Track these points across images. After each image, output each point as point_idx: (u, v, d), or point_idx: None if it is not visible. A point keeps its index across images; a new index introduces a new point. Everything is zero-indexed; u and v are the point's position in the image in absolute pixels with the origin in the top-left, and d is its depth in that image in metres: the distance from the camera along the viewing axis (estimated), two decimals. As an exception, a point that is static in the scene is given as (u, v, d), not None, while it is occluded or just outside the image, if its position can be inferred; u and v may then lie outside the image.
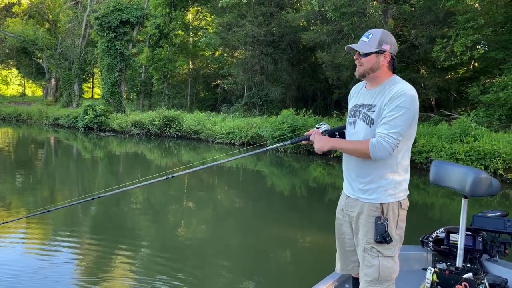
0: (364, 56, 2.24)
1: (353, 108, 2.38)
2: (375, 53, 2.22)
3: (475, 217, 3.10)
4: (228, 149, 16.30)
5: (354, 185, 2.33)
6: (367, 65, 2.24)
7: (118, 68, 23.04)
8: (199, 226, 6.75)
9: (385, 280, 2.22)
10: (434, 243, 3.27)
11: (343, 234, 2.46)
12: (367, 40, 2.24)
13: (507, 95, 13.21)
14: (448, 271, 2.73)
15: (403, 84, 2.19)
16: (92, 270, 4.70)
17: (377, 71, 2.25)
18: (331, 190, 10.18)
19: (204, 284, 4.51)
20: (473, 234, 3.04)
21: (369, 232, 2.22)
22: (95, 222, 6.74)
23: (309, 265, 5.13)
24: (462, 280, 2.62)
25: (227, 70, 22.71)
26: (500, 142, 10.80)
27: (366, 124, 2.23)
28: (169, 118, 19.43)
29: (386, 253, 2.21)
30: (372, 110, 2.22)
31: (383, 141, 2.09)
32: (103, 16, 22.44)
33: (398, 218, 2.23)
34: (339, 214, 2.49)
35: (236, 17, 20.92)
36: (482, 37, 15.06)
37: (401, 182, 2.24)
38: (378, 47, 2.22)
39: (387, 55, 2.24)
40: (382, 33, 2.25)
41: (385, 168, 2.20)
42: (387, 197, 2.21)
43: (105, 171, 12.12)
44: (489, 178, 2.63)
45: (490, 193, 2.67)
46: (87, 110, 21.46)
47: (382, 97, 2.18)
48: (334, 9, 15.52)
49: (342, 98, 20.71)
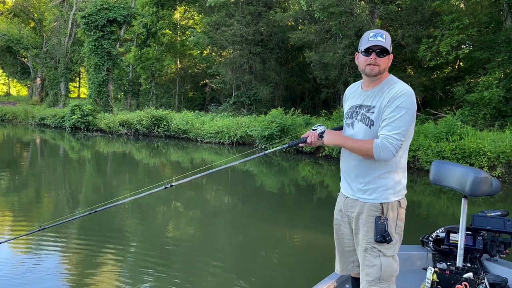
0: (383, 56, 2.21)
1: (350, 109, 2.37)
2: (389, 54, 2.24)
3: (475, 216, 3.10)
4: (217, 149, 16.29)
5: (353, 185, 2.32)
6: (383, 65, 2.22)
7: (105, 67, 22.85)
8: (188, 226, 6.74)
9: (386, 279, 2.23)
10: (434, 243, 3.27)
11: (341, 235, 2.47)
12: (384, 40, 2.20)
13: (491, 95, 13.45)
14: (448, 270, 2.72)
15: (402, 85, 2.20)
16: (81, 272, 4.68)
17: (385, 72, 2.27)
18: (320, 189, 10.25)
19: (196, 284, 4.51)
20: (473, 233, 3.04)
21: (370, 232, 2.22)
22: (82, 224, 6.68)
23: (304, 264, 5.17)
24: (462, 280, 2.61)
25: (215, 70, 22.69)
26: (485, 140, 10.99)
27: (366, 125, 2.23)
28: (157, 117, 19.33)
29: (387, 252, 2.22)
30: (371, 111, 2.22)
31: (387, 143, 2.10)
32: (90, 15, 22.23)
33: (398, 217, 2.24)
34: (337, 215, 2.49)
35: (224, 16, 20.90)
36: (467, 37, 15.31)
37: (400, 181, 2.25)
38: (390, 47, 2.23)
39: (391, 56, 2.27)
40: (388, 35, 2.26)
41: (384, 168, 2.21)
42: (387, 196, 2.22)
43: (94, 172, 12.02)
44: (489, 178, 2.63)
45: (490, 192, 2.67)
46: (74, 110, 21.25)
47: (381, 98, 2.19)
48: (322, 9, 15.61)
49: (330, 97, 20.87)
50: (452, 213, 7.83)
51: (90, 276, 4.54)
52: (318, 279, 4.69)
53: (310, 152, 14.49)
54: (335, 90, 19.80)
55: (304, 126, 15.47)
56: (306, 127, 15.40)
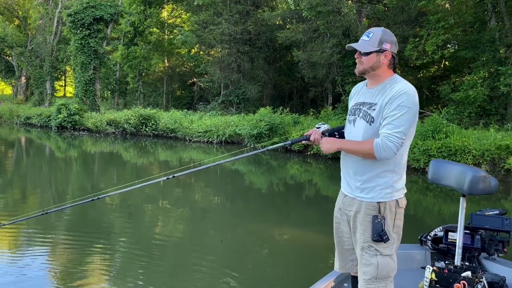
0: (365, 55, 2.23)
1: (354, 106, 2.38)
2: (376, 52, 2.22)
3: (473, 215, 3.09)
4: (205, 148, 16.27)
5: (352, 184, 2.32)
6: (367, 64, 2.24)
7: (92, 66, 22.63)
8: (177, 225, 6.73)
9: (383, 278, 2.23)
10: (432, 242, 3.27)
11: (341, 233, 2.47)
12: (368, 39, 2.23)
13: (476, 93, 13.66)
14: (446, 269, 2.72)
15: (404, 83, 2.20)
16: (69, 270, 4.64)
17: (377, 70, 2.25)
18: (309, 187, 10.31)
19: (187, 282, 4.52)
20: (471, 232, 3.04)
21: (367, 231, 2.23)
22: (70, 224, 6.63)
23: (295, 261, 5.20)
24: (460, 279, 2.60)
25: (203, 68, 22.63)
26: (470, 138, 11.17)
27: (366, 122, 2.23)
28: (145, 116, 19.22)
29: (384, 251, 2.21)
30: (372, 108, 2.22)
31: (388, 141, 2.10)
32: (76, 13, 21.98)
33: (396, 216, 2.24)
34: (337, 213, 2.49)
35: (212, 15, 20.85)
36: (452, 37, 15.53)
37: (398, 181, 2.24)
38: (378, 46, 2.21)
39: (388, 54, 2.24)
40: (383, 32, 2.24)
41: (382, 167, 2.21)
42: (384, 196, 2.21)
43: (81, 171, 11.91)
44: (487, 177, 2.62)
45: (488, 191, 2.67)
46: (60, 109, 21.00)
47: (383, 96, 2.19)
48: (309, 8, 15.68)
49: (318, 96, 20.97)
50: (450, 212, 7.90)
51: (79, 273, 4.51)
52: (307, 276, 4.74)
53: (299, 150, 14.55)
54: (323, 89, 19.90)
55: (292, 125, 15.53)
56: (295, 126, 15.47)
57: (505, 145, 10.52)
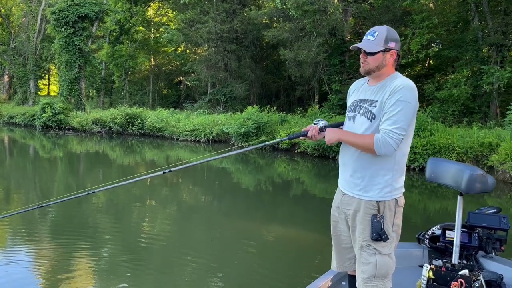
0: (371, 55, 2.20)
1: (353, 103, 2.36)
2: (382, 52, 2.19)
3: (470, 214, 3.10)
4: (193, 147, 16.22)
5: (351, 182, 2.30)
6: (373, 63, 2.21)
7: (77, 64, 22.36)
8: (164, 224, 6.71)
9: (381, 277, 2.22)
10: (430, 240, 3.27)
11: (339, 232, 2.44)
12: (373, 39, 2.20)
13: (460, 92, 13.89)
14: (444, 267, 2.71)
15: (403, 79, 2.19)
16: (54, 270, 4.60)
17: (383, 69, 2.23)
18: (296, 185, 10.37)
19: (176, 281, 4.52)
20: (469, 231, 3.03)
21: (366, 230, 2.21)
22: (54, 223, 6.57)
23: (284, 259, 5.23)
24: (458, 277, 2.60)
25: (190, 67, 22.54)
26: (454, 136, 11.36)
27: (367, 118, 2.22)
28: (132, 115, 19.08)
29: (383, 250, 2.20)
30: (373, 105, 2.21)
31: (387, 137, 2.09)
32: (60, 11, 21.69)
33: (395, 215, 2.23)
34: (334, 212, 2.46)
35: (199, 13, 20.78)
36: (436, 36, 15.75)
37: (398, 180, 2.23)
38: (384, 45, 2.19)
39: (393, 52, 2.22)
40: (388, 31, 2.21)
41: (382, 166, 2.19)
42: (384, 195, 2.20)
43: (66, 171, 11.78)
44: (484, 175, 2.62)
45: (485, 190, 2.65)
46: (44, 108, 20.71)
47: (383, 93, 2.18)
48: (296, 7, 15.74)
49: (305, 94, 21.08)
50: (448, 210, 7.98)
51: (63, 273, 4.47)
52: (297, 273, 4.78)
53: (286, 149, 14.61)
54: (310, 87, 20.00)
55: (279, 124, 15.58)
56: (282, 124, 15.52)
57: (487, 143, 10.73)
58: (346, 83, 17.18)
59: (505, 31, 14.55)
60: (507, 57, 14.69)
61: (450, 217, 6.67)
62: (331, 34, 17.43)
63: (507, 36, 14.62)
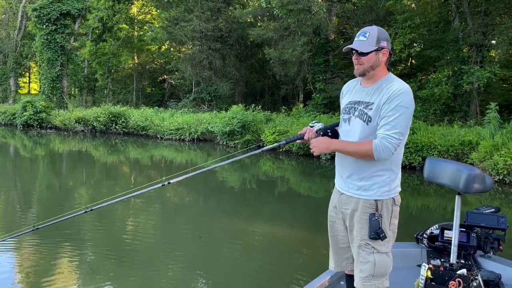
0: (364, 55, 2.21)
1: (348, 105, 2.36)
2: (375, 51, 2.21)
3: (469, 213, 3.11)
4: (177, 146, 16.15)
5: (349, 182, 2.31)
6: (368, 63, 2.22)
7: (59, 62, 22.04)
8: (149, 223, 6.68)
9: (380, 275, 2.24)
10: (428, 240, 3.28)
11: (336, 232, 2.45)
12: (365, 39, 2.21)
13: (441, 91, 14.16)
14: (442, 267, 2.71)
15: (401, 83, 2.21)
16: (37, 274, 4.55)
17: (377, 69, 2.24)
18: (281, 184, 10.43)
19: (161, 282, 4.51)
20: (467, 230, 3.05)
21: (364, 229, 2.23)
22: (35, 222, 6.47)
23: (273, 257, 5.27)
24: (456, 276, 2.60)
25: (174, 65, 22.42)
26: (435, 134, 11.58)
27: (363, 121, 2.22)
28: (115, 114, 18.90)
29: (381, 249, 2.22)
30: (369, 107, 2.21)
31: (386, 142, 2.11)
32: (42, 8, 21.34)
33: (392, 214, 2.25)
34: (331, 212, 2.47)
35: (183, 11, 20.67)
36: (419, 36, 15.99)
37: (395, 179, 2.26)
38: (376, 44, 2.20)
39: (386, 51, 2.24)
40: (379, 30, 2.23)
41: (380, 166, 2.22)
42: (382, 193, 2.22)
43: (48, 171, 11.61)
44: (482, 175, 2.63)
45: (483, 189, 2.66)
46: (26, 107, 20.35)
47: (380, 95, 2.19)
48: (280, 6, 15.81)
49: (290, 93, 21.18)
50: (446, 210, 8.06)
51: (46, 274, 4.43)
52: (282, 269, 4.83)
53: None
54: (294, 86, 20.10)
55: (265, 122, 15.62)
56: (267, 123, 15.57)
57: (468, 141, 10.98)
58: (330, 82, 17.33)
59: (485, 32, 14.87)
60: (487, 57, 15.02)
61: (448, 216, 6.82)
62: (316, 33, 17.55)
63: (487, 37, 14.94)
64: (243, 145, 15.15)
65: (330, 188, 9.79)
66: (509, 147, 9.94)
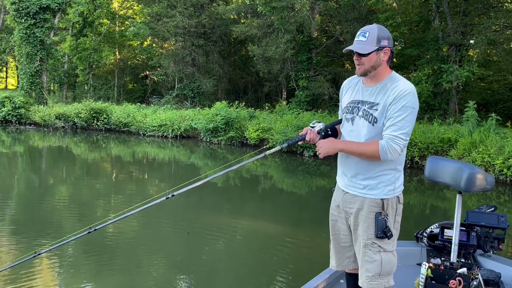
0: (364, 56, 2.17)
1: (350, 104, 2.32)
2: (375, 51, 2.16)
3: (469, 212, 3.12)
4: (160, 142, 16.05)
5: (354, 181, 2.29)
6: (369, 64, 2.18)
7: (38, 57, 21.57)
8: (129, 222, 6.64)
9: (386, 274, 2.24)
10: (428, 239, 3.29)
11: (338, 231, 2.43)
12: (365, 39, 2.16)
13: (421, 89, 14.41)
14: (442, 266, 2.71)
15: (406, 82, 2.18)
16: (15, 274, 4.49)
17: (378, 68, 2.20)
18: (264, 180, 10.48)
19: (143, 282, 4.50)
20: (467, 229, 3.05)
21: (370, 228, 2.21)
22: (14, 221, 6.38)
23: (259, 253, 5.30)
24: (456, 275, 2.60)
25: (156, 61, 22.22)
26: (416, 132, 11.79)
27: (369, 122, 2.19)
28: (97, 110, 18.65)
29: (387, 247, 2.22)
30: (374, 108, 2.18)
31: (393, 143, 2.10)
32: (20, 1, 20.82)
33: (397, 212, 2.25)
34: (334, 211, 2.45)
35: (166, 7, 20.49)
36: (400, 35, 16.24)
37: (399, 178, 2.26)
38: (377, 44, 2.15)
39: (387, 50, 2.19)
40: (379, 29, 2.18)
41: (386, 165, 2.20)
42: (388, 192, 2.21)
43: (27, 168, 11.40)
44: (484, 174, 2.62)
45: (484, 189, 2.66)
46: (4, 102, 19.89)
47: (385, 96, 2.16)
48: (264, 3, 15.83)
49: (273, 90, 21.24)
50: (445, 208, 8.12)
51: (26, 274, 4.37)
52: (272, 267, 4.88)
53: (255, 144, 14.70)
54: (277, 83, 20.16)
55: (248, 119, 15.65)
56: (251, 120, 15.60)
57: (447, 138, 11.24)
58: (313, 80, 17.44)
59: (464, 32, 15.18)
60: (466, 56, 15.35)
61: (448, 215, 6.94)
62: (299, 31, 17.63)
63: (466, 37, 15.27)
64: (226, 142, 15.15)
65: (312, 185, 9.90)
66: (487, 144, 10.21)
